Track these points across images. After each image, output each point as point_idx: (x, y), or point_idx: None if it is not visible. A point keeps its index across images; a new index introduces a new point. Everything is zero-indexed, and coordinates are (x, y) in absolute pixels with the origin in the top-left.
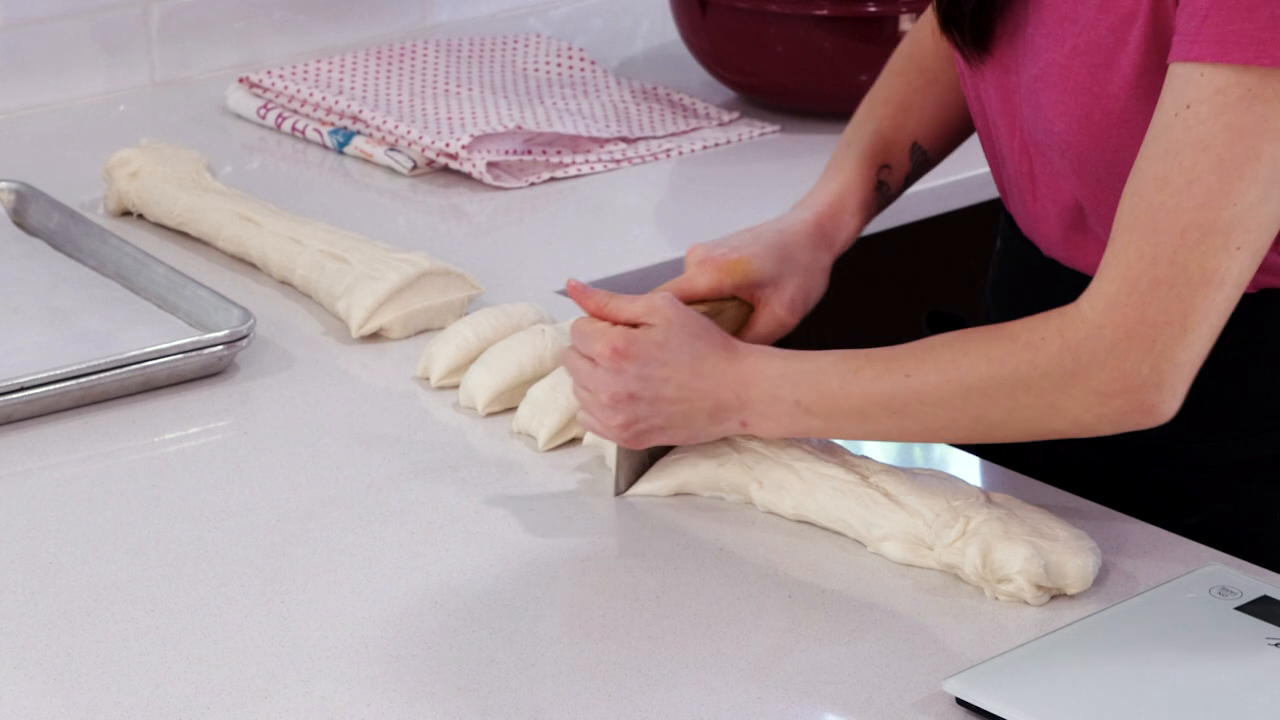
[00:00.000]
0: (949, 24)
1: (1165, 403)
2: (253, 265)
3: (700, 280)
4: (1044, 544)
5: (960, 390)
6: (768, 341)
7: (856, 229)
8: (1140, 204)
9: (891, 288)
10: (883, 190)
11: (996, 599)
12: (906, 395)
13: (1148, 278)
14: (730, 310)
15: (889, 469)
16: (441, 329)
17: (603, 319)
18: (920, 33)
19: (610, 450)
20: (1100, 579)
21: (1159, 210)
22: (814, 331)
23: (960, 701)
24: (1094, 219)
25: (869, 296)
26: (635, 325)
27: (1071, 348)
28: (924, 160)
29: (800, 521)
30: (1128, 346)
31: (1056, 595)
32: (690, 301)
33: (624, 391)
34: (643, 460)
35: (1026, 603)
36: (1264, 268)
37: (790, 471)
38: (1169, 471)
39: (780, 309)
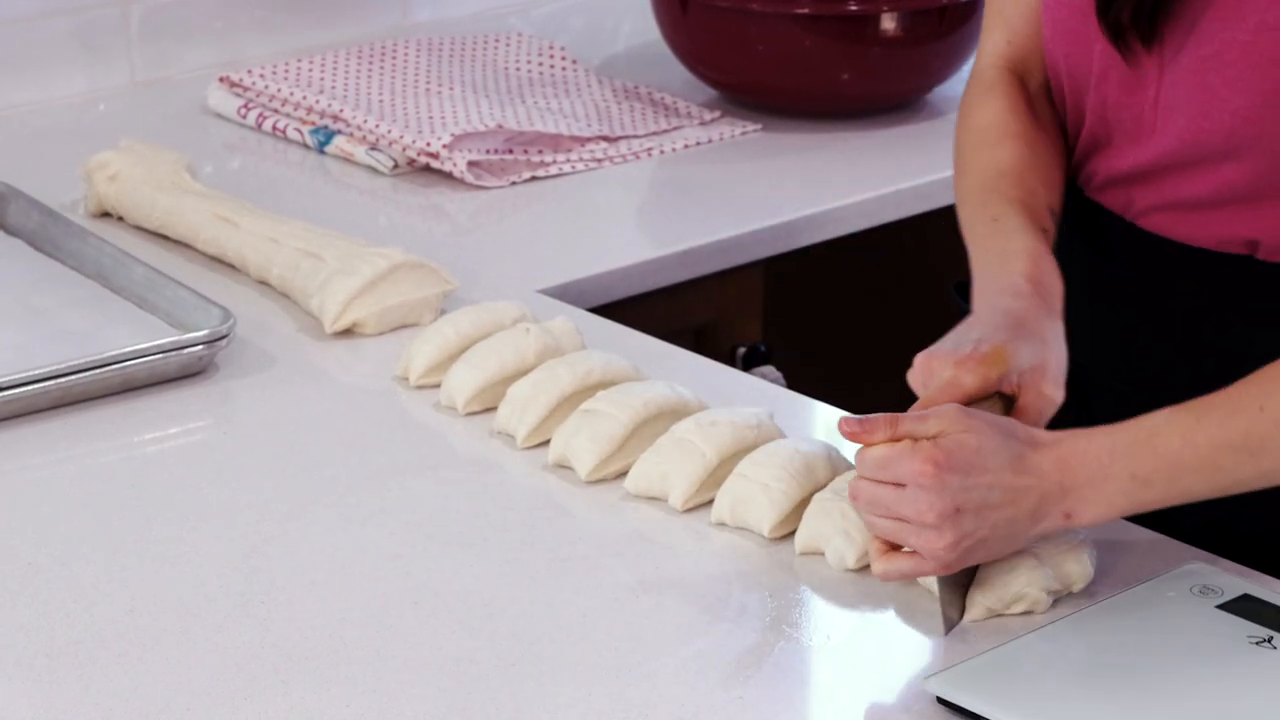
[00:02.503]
0: (1111, 19)
1: None
2: (232, 266)
3: (967, 380)
4: (1039, 550)
5: None
6: (1044, 424)
7: (1062, 286)
8: None
9: (914, 276)
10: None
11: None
12: (1265, 430)
13: None
14: (994, 407)
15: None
16: (417, 324)
17: (899, 438)
18: (988, 97)
19: (930, 583)
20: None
21: None
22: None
23: (941, 700)
24: (1251, 192)
25: (891, 284)
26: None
27: None
28: (1056, 224)
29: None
30: None
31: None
32: (968, 401)
33: (950, 507)
34: (963, 584)
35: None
36: None
37: (762, 489)
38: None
39: (1048, 387)
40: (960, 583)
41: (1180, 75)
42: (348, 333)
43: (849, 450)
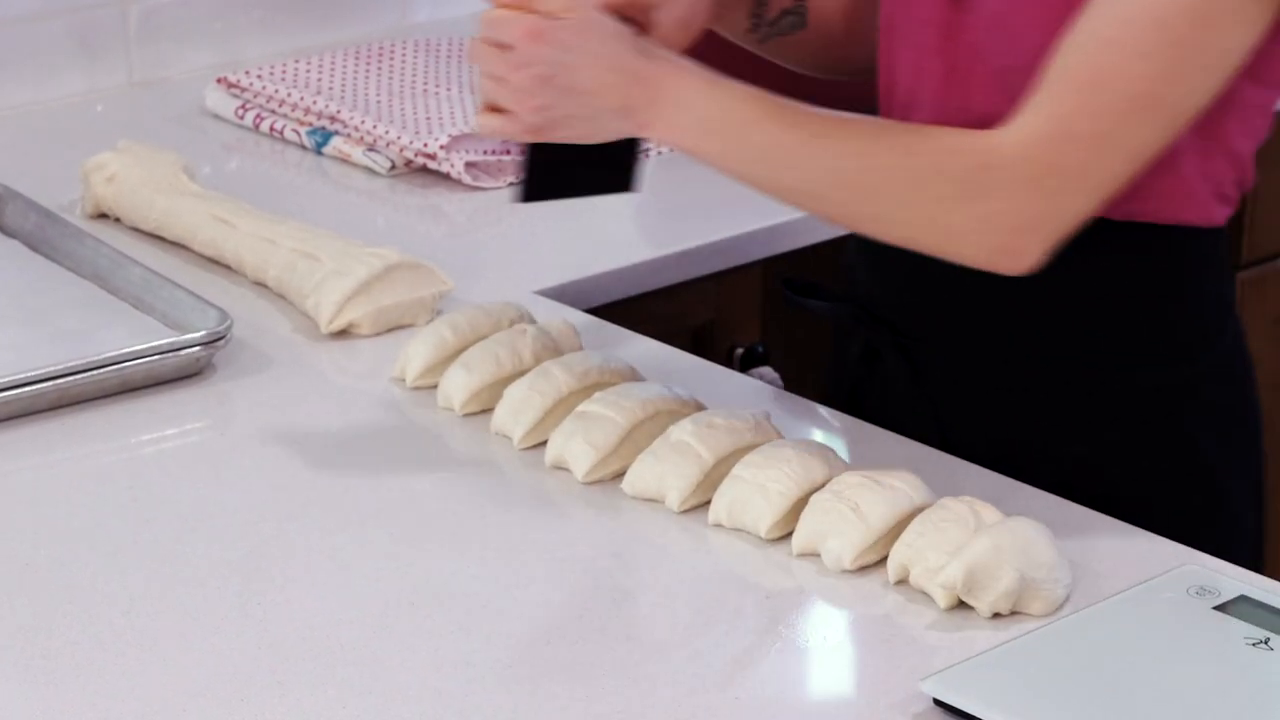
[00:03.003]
0: None
1: (1034, 256)
2: (229, 267)
3: None
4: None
5: (864, 166)
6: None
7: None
8: (1085, 61)
9: None
10: (760, 5)
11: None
12: (812, 152)
13: (1077, 129)
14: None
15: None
16: (413, 325)
17: (519, 8)
18: None
19: None
20: (1076, 579)
21: (1105, 71)
22: None
23: (938, 702)
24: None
25: None
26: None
27: (981, 169)
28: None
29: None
30: (1032, 188)
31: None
32: None
33: (540, 74)
34: (551, 170)
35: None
36: (1184, 204)
37: (759, 491)
38: (1032, 402)
39: (669, 27)
40: (544, 161)
41: (979, 24)
42: (344, 334)
43: (847, 451)
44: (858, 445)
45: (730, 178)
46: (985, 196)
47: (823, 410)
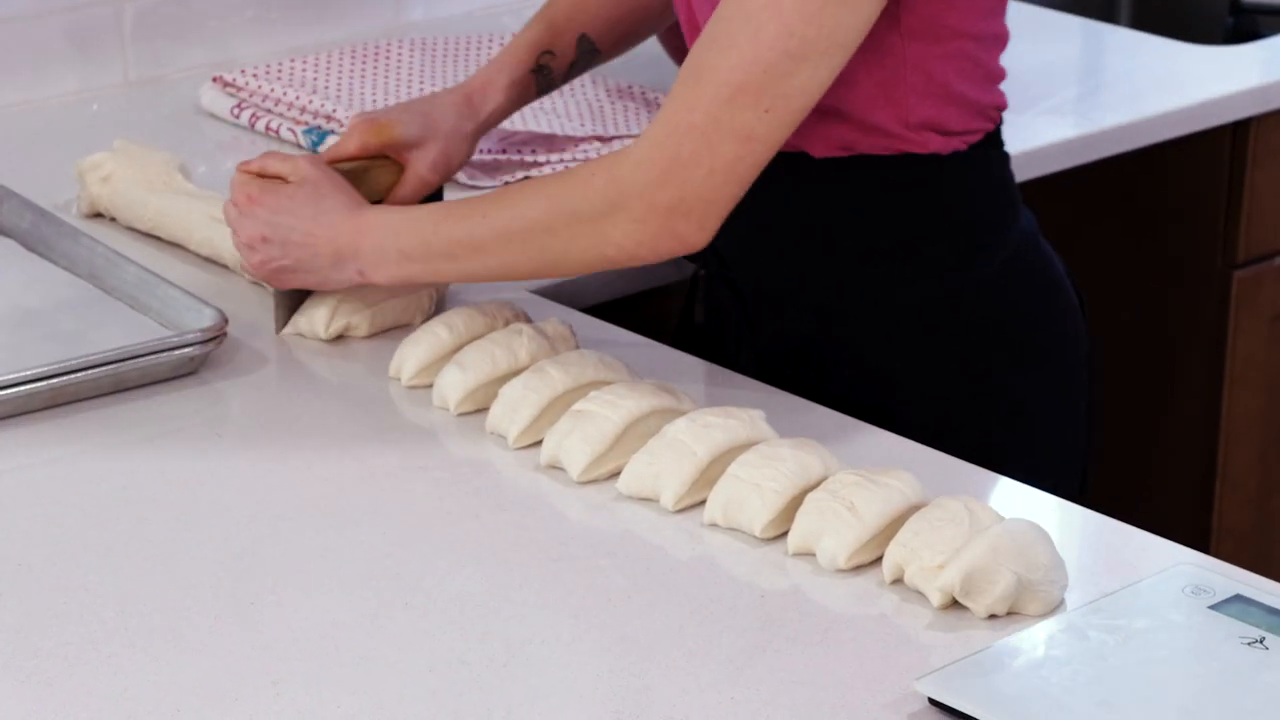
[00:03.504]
0: None
1: (694, 234)
2: (225, 266)
3: (351, 141)
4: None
5: (526, 226)
6: (412, 200)
7: (504, 104)
8: (692, 60)
9: None
10: (543, 74)
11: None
12: (484, 234)
13: (685, 124)
14: (379, 171)
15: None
16: (410, 325)
17: (254, 173)
18: None
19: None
20: (1071, 578)
21: (703, 67)
22: None
23: (933, 702)
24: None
25: None
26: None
27: (615, 181)
28: (591, 51)
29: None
30: (662, 181)
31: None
32: (343, 160)
33: (257, 234)
34: (293, 300)
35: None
36: (887, 131)
37: (754, 490)
38: (828, 323)
39: (423, 168)
40: (289, 297)
41: None
42: (340, 334)
43: (841, 451)
44: (853, 443)
45: (451, 283)
46: (627, 204)
47: (818, 409)
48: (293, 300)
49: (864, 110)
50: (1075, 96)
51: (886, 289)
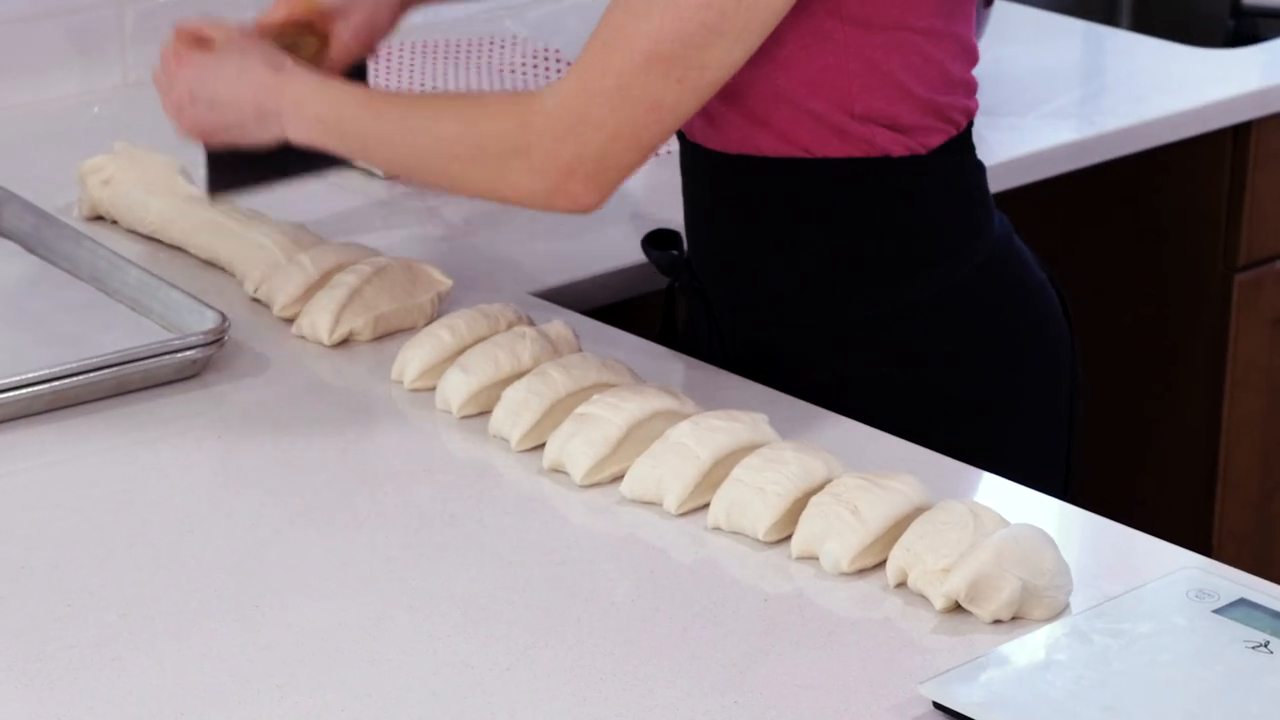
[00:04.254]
0: None
1: (587, 195)
2: (224, 269)
3: (278, 10)
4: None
5: (435, 143)
6: (337, 67)
7: None
8: (608, 22)
9: None
10: None
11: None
12: (396, 133)
13: (595, 86)
14: (310, 43)
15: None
16: (413, 329)
17: (189, 39)
18: None
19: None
20: (1076, 582)
21: (619, 31)
22: None
23: (938, 705)
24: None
25: None
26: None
27: (522, 126)
28: None
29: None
30: (565, 136)
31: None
32: (271, 32)
33: (185, 93)
34: (233, 167)
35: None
36: (834, 124)
37: (758, 494)
38: (793, 331)
39: (346, 35)
40: (224, 159)
41: None
42: (342, 338)
43: (845, 454)
44: (857, 447)
45: (353, 157)
46: (528, 151)
47: (821, 413)
48: (223, 163)
49: (807, 97)
50: (1076, 99)
51: (843, 297)
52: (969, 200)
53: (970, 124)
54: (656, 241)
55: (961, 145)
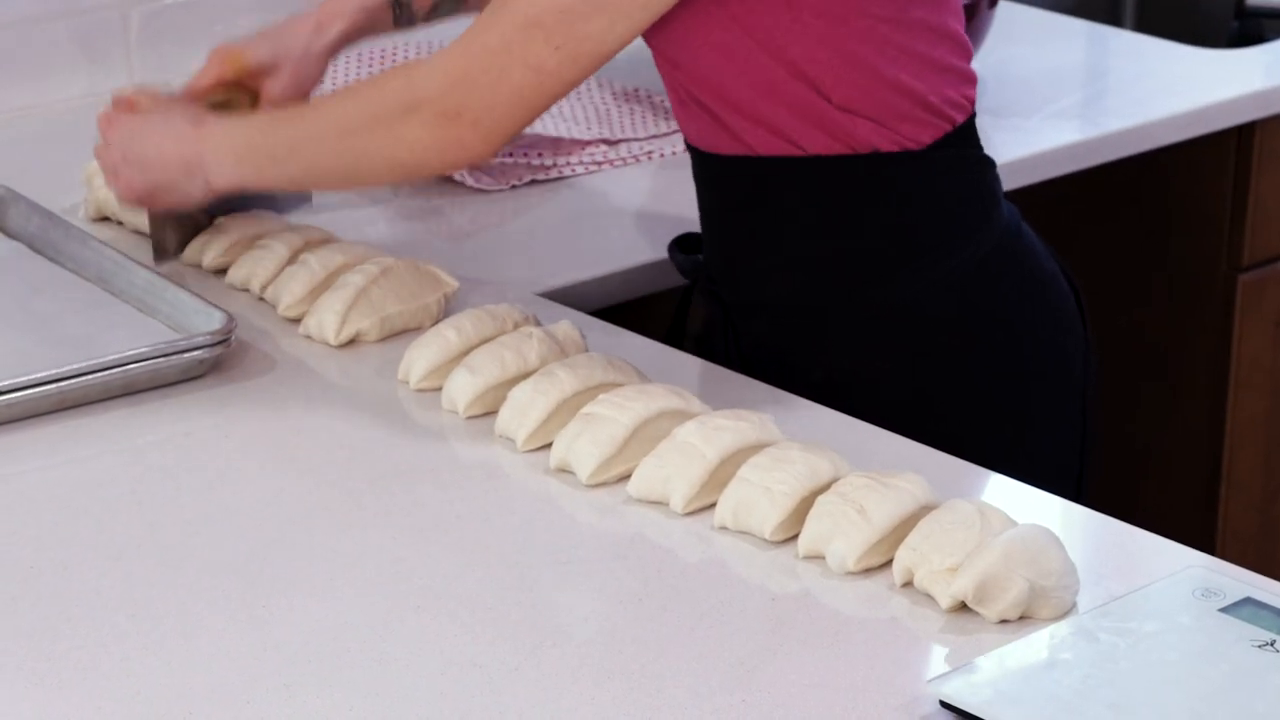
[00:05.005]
0: None
1: (478, 144)
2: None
3: (207, 75)
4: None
5: (333, 127)
6: None
7: (350, 28)
8: None
9: None
10: (401, 7)
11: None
12: (300, 135)
13: (481, 42)
14: (241, 102)
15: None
16: (419, 330)
17: (121, 106)
18: None
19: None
20: (1082, 581)
21: (507, 1)
22: None
23: (944, 704)
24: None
25: None
26: None
27: (410, 85)
28: None
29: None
30: (452, 90)
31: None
32: (202, 95)
33: (117, 157)
34: (183, 226)
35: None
36: (846, 129)
37: (764, 493)
38: (797, 330)
39: (275, 91)
40: (168, 223)
41: None
42: (350, 340)
43: (852, 454)
44: (863, 446)
45: (287, 190)
46: (419, 107)
47: (827, 412)
48: (168, 227)
49: (785, 88)
50: (1080, 100)
51: (839, 295)
52: (966, 197)
53: (970, 119)
54: (683, 245)
55: (959, 140)
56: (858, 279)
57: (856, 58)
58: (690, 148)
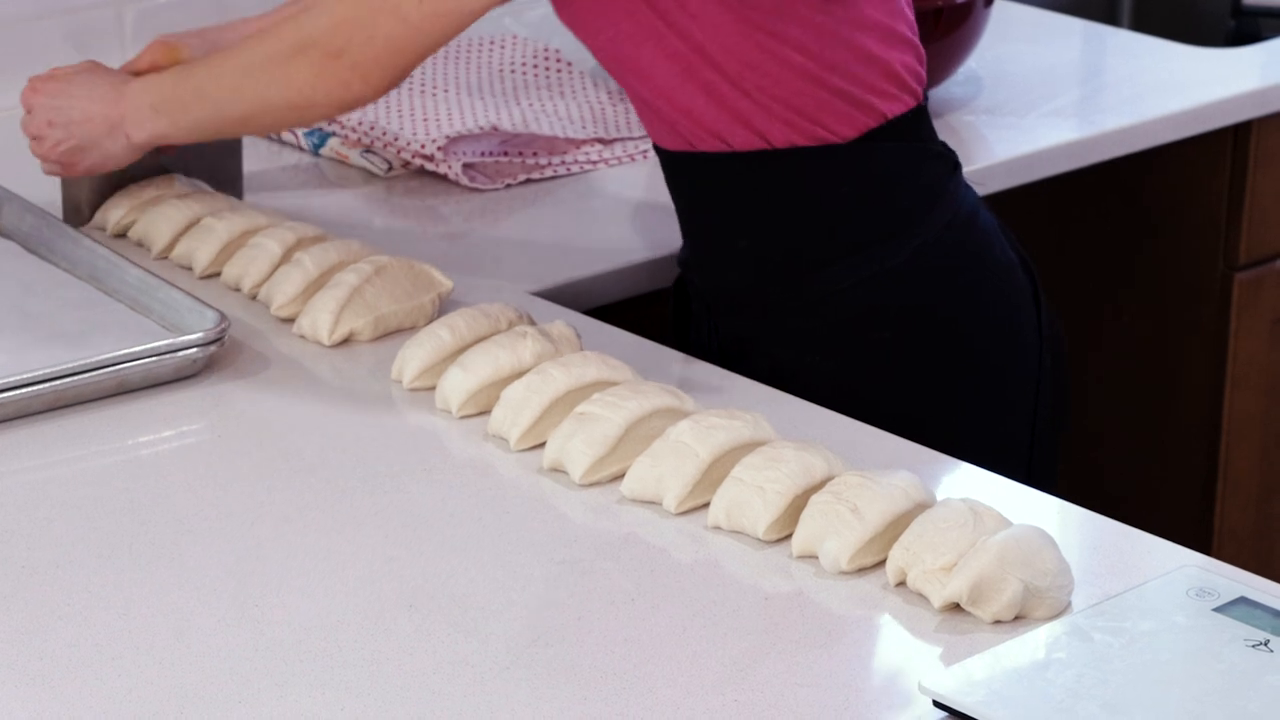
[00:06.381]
0: None
1: (360, 86)
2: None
3: (143, 60)
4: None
5: (234, 68)
6: None
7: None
8: None
9: None
10: None
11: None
12: (208, 80)
13: None
14: None
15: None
16: (413, 329)
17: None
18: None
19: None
20: (1076, 581)
21: None
22: None
23: (937, 704)
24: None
25: None
26: None
27: (299, 28)
28: None
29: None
30: (334, 32)
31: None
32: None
33: (43, 121)
34: (93, 188)
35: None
36: (796, 129)
37: (757, 492)
38: (741, 321)
39: None
40: (84, 183)
41: None
42: (344, 340)
43: (845, 452)
44: (855, 444)
45: (200, 139)
46: (305, 50)
47: (821, 411)
48: (79, 190)
49: (706, 75)
50: (1076, 99)
51: (778, 287)
52: (903, 190)
53: (912, 111)
54: None
55: (894, 133)
56: (794, 271)
57: (765, 46)
58: (654, 145)
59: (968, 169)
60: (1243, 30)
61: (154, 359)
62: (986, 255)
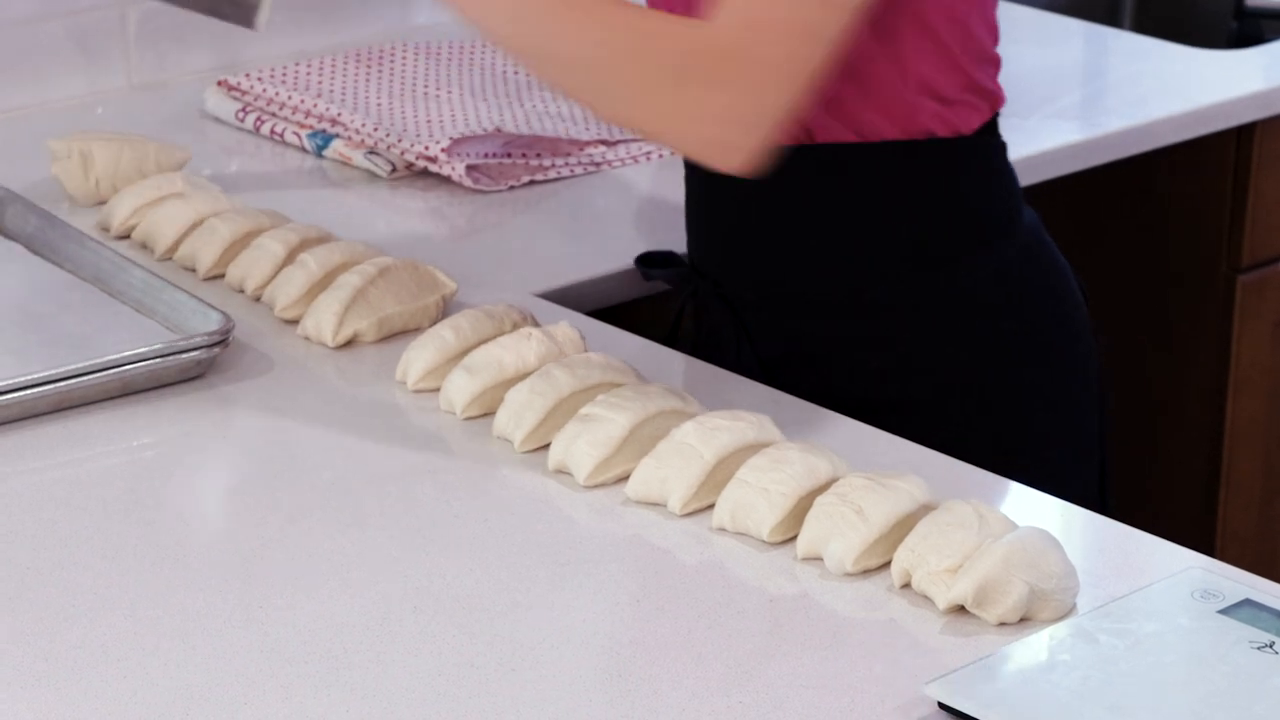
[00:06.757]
0: None
1: (742, 149)
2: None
3: None
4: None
5: (599, 40)
6: None
7: None
8: None
9: None
10: None
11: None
12: (566, 26)
13: (777, 17)
14: None
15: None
16: (418, 330)
17: None
18: None
19: None
20: (1081, 582)
21: None
22: None
23: (942, 706)
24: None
25: None
26: None
27: (686, 54)
28: None
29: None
30: (735, 79)
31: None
32: None
33: None
34: None
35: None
36: (888, 96)
37: (762, 494)
38: (824, 322)
39: None
40: None
41: None
42: (348, 341)
43: (849, 454)
44: (862, 447)
45: (514, 52)
46: (688, 84)
47: (825, 413)
48: None
49: (865, 61)
50: (1079, 100)
51: (888, 283)
52: (1007, 181)
53: (997, 108)
54: (649, 263)
55: (993, 127)
56: (900, 269)
57: (932, 29)
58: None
59: None
60: (1245, 32)
61: (158, 360)
62: (1056, 258)
